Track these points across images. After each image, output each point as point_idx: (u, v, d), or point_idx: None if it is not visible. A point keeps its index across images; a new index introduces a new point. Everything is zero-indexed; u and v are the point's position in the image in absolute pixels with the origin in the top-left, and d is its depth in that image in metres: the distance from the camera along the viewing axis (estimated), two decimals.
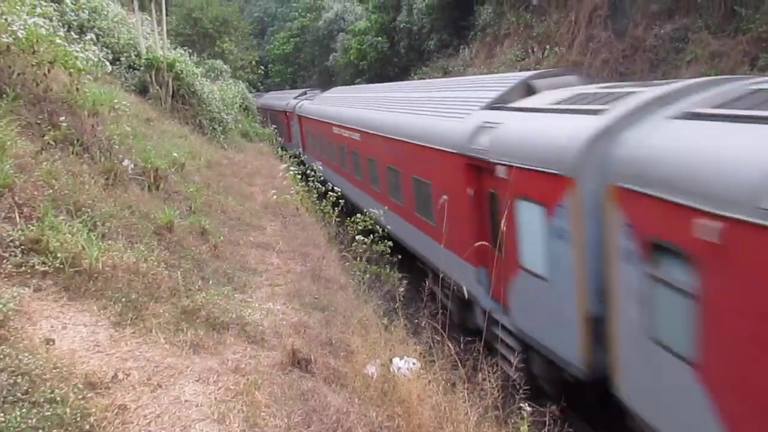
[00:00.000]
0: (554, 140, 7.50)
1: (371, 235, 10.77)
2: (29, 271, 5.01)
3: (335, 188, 12.72)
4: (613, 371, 6.73)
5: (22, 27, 7.67)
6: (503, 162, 8.41)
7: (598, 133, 6.84)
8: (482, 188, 9.57)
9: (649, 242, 5.78)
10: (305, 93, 32.82)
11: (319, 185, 14.78)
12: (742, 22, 16.63)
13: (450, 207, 9.16)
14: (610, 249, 6.52)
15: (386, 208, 13.40)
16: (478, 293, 9.78)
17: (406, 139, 12.89)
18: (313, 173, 15.26)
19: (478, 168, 9.50)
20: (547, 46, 24.60)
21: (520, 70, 25.05)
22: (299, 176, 15.76)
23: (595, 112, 7.31)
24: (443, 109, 12.01)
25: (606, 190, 6.49)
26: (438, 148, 10.97)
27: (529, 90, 10.43)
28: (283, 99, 34.90)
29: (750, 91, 5.95)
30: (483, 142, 9.20)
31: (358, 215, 11.75)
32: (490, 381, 5.90)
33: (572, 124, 7.48)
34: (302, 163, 23.24)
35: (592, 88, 9.10)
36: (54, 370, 4.03)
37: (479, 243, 8.41)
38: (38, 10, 9.12)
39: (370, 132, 15.74)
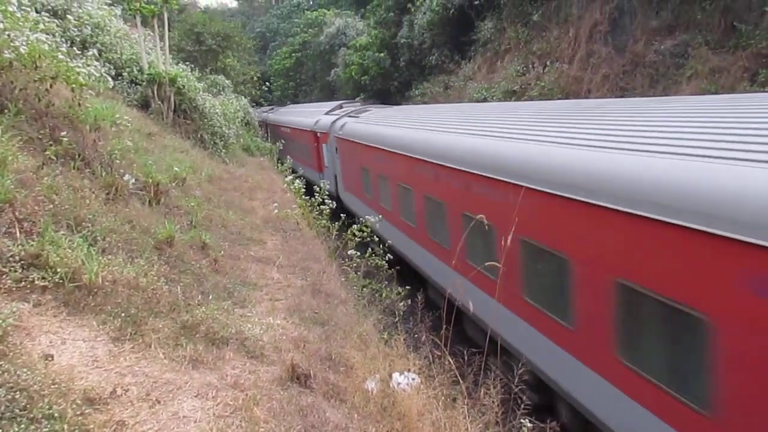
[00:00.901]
0: (327, 122, 25.05)
1: (369, 248, 11.41)
2: (29, 286, 5.01)
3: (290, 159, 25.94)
4: (339, 191, 23.09)
5: (24, 43, 7.73)
6: (319, 131, 26.09)
7: (334, 120, 24.03)
8: (318, 143, 26.58)
9: (335, 147, 23.28)
10: (272, 108, 52.22)
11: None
12: (741, 38, 16.69)
13: (311, 153, 28.27)
14: (334, 153, 23.76)
15: (296, 162, 27.12)
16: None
17: (300, 128, 30.96)
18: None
19: (316, 135, 26.56)
20: (548, 62, 24.68)
21: (521, 86, 25.22)
22: (303, 189, 16.23)
23: (338, 115, 24.91)
24: (309, 114, 30.20)
25: (335, 136, 22.97)
26: (306, 129, 28.58)
27: (341, 107, 28.54)
28: (262, 113, 49.64)
29: (367, 108, 25.82)
30: (317, 124, 26.37)
31: (354, 226, 12.51)
32: (490, 396, 5.88)
33: (332, 117, 25.22)
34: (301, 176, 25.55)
35: (353, 107, 27.14)
36: (52, 386, 4.02)
37: (317, 162, 27.44)
38: (41, 26, 9.20)
39: (291, 127, 34.16)
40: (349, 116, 22.94)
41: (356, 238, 12.04)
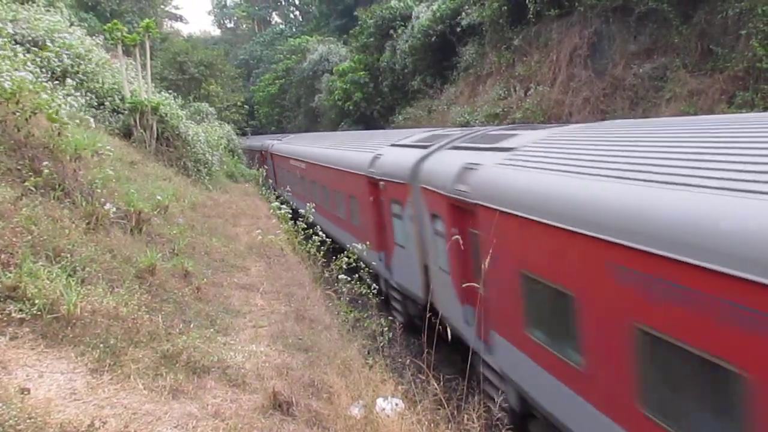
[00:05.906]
0: (267, 144, 37.84)
1: (356, 275, 11.39)
2: (6, 319, 4.96)
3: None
4: (274, 182, 34.84)
5: (8, 78, 7.73)
6: (265, 151, 37.82)
7: (271, 143, 36.94)
8: (264, 158, 37.97)
9: (270, 159, 36.29)
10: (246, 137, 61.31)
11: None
12: (718, 61, 16.96)
13: (264, 163, 36.88)
14: (270, 162, 36.12)
15: (266, 170, 32.02)
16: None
17: (255, 149, 41.68)
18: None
19: (262, 153, 38.91)
20: (530, 85, 24.96)
21: (503, 109, 25.48)
22: (289, 215, 16.21)
23: (273, 140, 39.05)
24: (265, 141, 40.43)
25: (269, 152, 36.47)
26: (261, 150, 39.33)
27: (284, 137, 38.89)
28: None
29: (288, 135, 41.03)
30: (264, 145, 38.69)
31: (342, 254, 12.34)
32: (473, 421, 5.85)
33: (270, 141, 38.45)
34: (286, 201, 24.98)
35: (287, 138, 37.62)
36: (28, 420, 3.96)
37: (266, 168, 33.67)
38: (19, 57, 9.20)
39: (252, 149, 41.95)
40: (278, 140, 36.49)
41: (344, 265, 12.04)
